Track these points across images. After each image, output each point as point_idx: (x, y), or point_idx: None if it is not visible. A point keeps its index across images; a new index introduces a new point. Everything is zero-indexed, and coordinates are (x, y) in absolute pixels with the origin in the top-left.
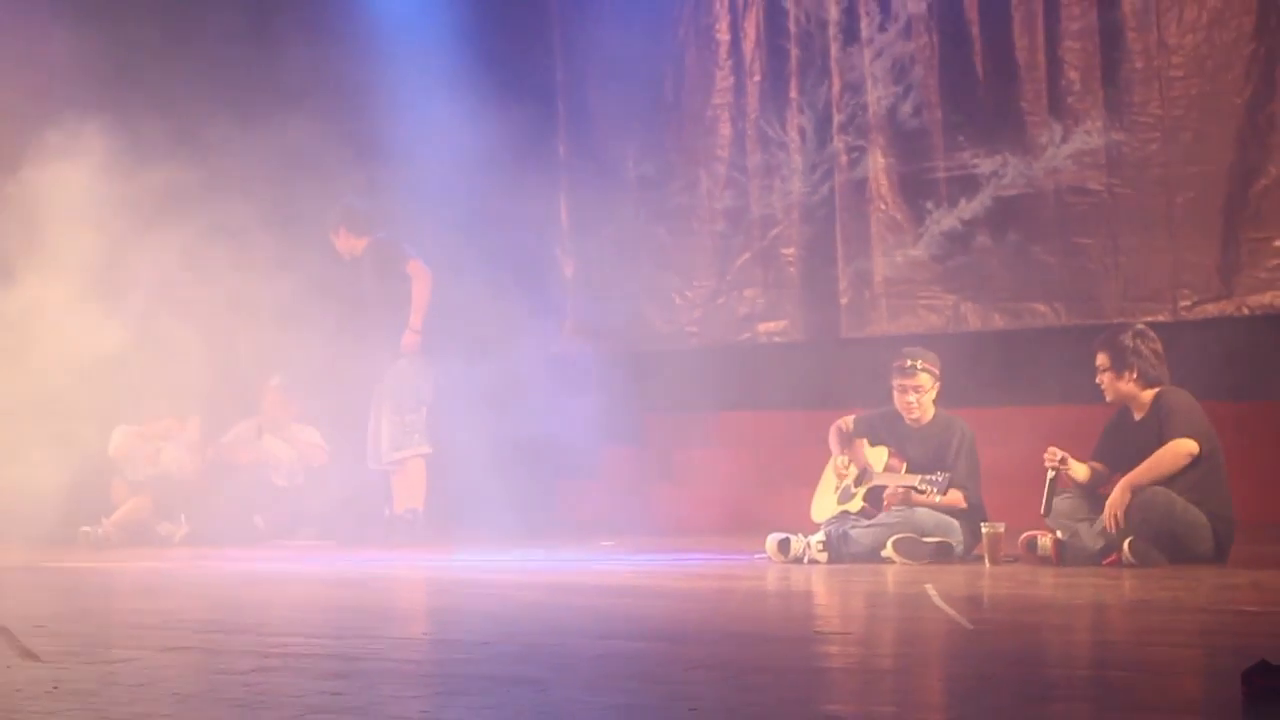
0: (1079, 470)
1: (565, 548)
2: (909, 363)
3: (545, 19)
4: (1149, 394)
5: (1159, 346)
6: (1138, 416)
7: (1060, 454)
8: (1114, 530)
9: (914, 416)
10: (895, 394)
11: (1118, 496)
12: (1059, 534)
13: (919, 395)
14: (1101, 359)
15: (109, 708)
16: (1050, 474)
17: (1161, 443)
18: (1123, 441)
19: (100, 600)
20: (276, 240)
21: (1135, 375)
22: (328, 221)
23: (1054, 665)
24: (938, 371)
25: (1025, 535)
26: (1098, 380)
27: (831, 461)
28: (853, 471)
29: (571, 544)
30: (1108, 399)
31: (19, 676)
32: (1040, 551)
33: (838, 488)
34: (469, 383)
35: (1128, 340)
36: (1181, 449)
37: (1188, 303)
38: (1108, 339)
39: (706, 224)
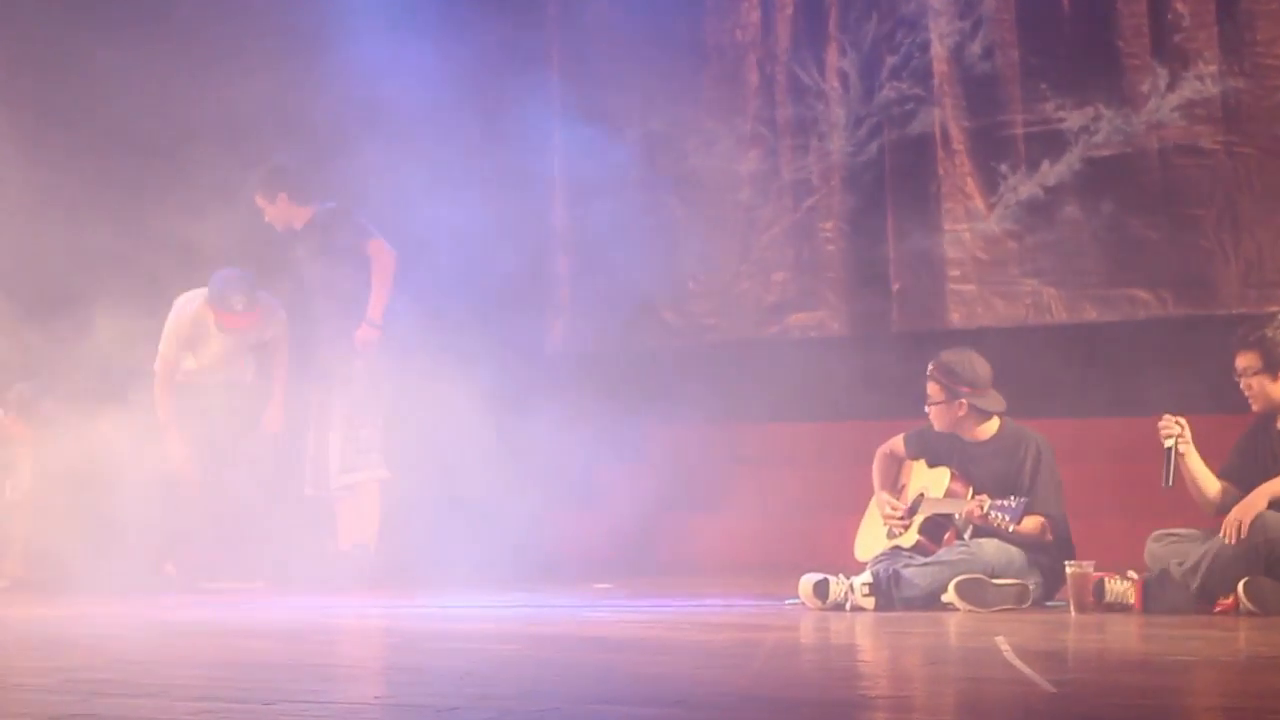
0: (1202, 472)
1: (552, 591)
2: (929, 367)
3: None
4: None
5: None
6: None
7: (1180, 422)
8: (1233, 540)
9: (939, 429)
10: None
11: (1250, 503)
12: (1144, 573)
13: (931, 409)
14: (1248, 359)
15: None
16: (1169, 443)
17: None
18: (1263, 457)
19: None
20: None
21: None
22: (254, 183)
23: None
24: (956, 384)
25: (1093, 576)
26: (1243, 385)
27: (875, 498)
28: (907, 498)
29: (560, 586)
30: (1255, 407)
31: None
32: (1111, 597)
33: (887, 520)
34: (437, 389)
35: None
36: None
37: None
38: (1253, 334)
39: (727, 192)
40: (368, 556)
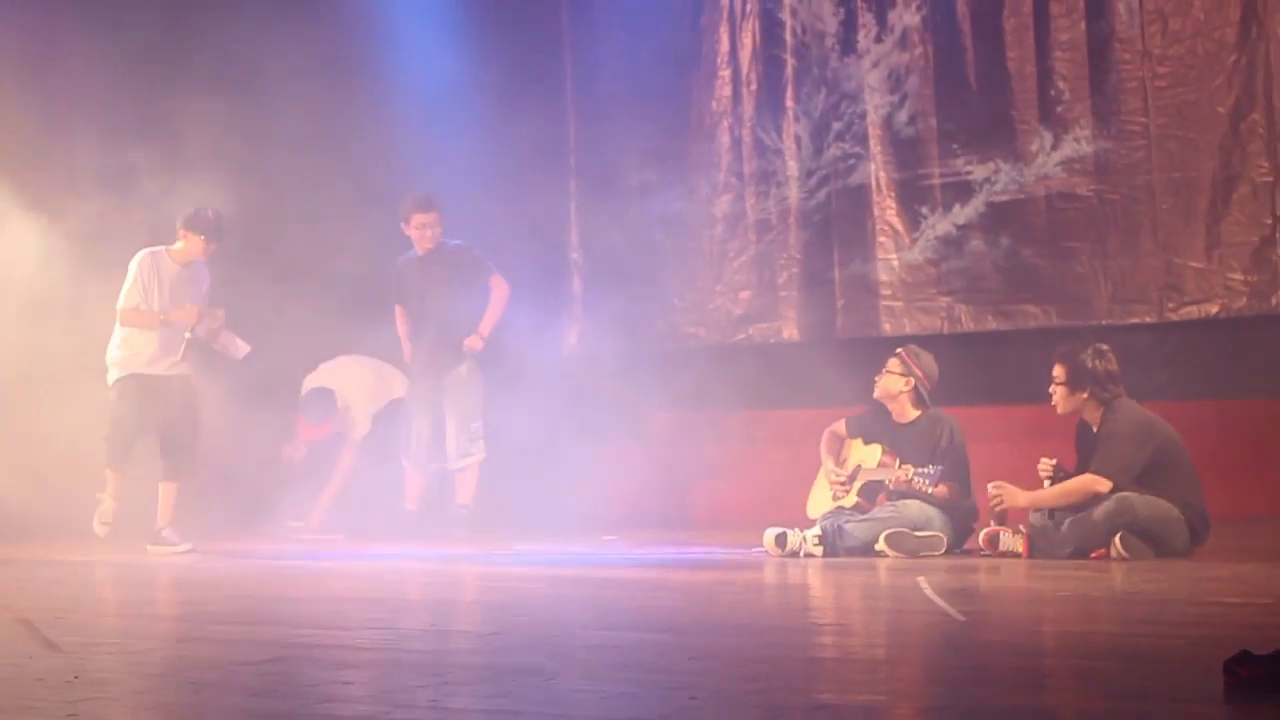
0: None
1: (569, 542)
2: (897, 349)
3: (556, 37)
4: (1099, 412)
5: (1115, 366)
6: (1096, 428)
7: (1000, 487)
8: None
9: (876, 395)
10: None
11: (1013, 494)
12: (1030, 525)
13: (882, 376)
14: (1058, 371)
15: (127, 696)
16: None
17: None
18: (1084, 452)
19: (119, 592)
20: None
21: (1087, 395)
22: (402, 210)
23: (1041, 656)
24: (912, 365)
25: (987, 531)
26: (1050, 389)
27: (823, 468)
28: (848, 468)
29: (575, 538)
30: (1059, 410)
31: (40, 666)
32: (1004, 547)
33: (832, 485)
34: (488, 386)
35: (1086, 360)
36: (1090, 485)
37: (1173, 304)
38: (1069, 352)
39: (705, 229)
40: (472, 514)
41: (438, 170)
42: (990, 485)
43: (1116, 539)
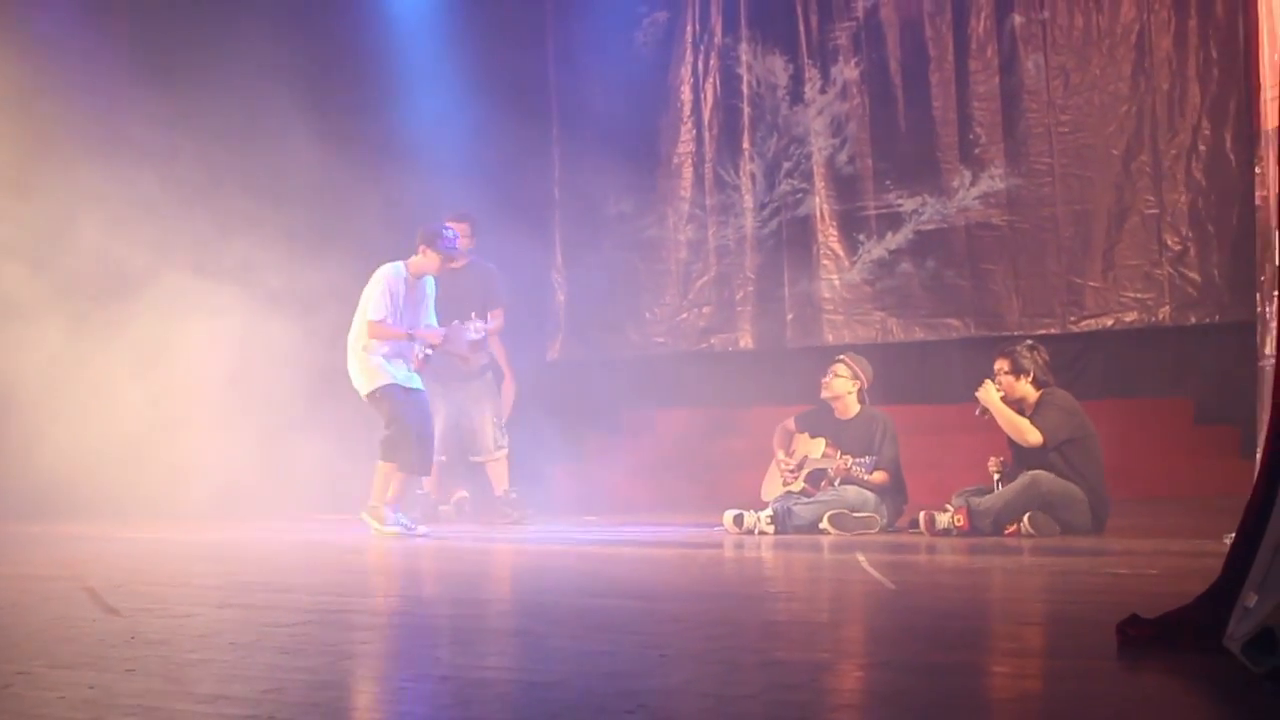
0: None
1: (555, 522)
2: (838, 356)
3: (544, 87)
4: (1035, 393)
5: (1047, 357)
6: (1028, 414)
7: (997, 461)
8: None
9: (825, 396)
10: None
11: (991, 399)
12: (963, 502)
13: (831, 379)
14: (1001, 364)
15: (176, 654)
16: (996, 477)
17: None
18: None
19: (172, 565)
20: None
21: (1030, 379)
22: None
23: (960, 619)
24: (857, 370)
25: (925, 513)
26: (996, 381)
27: (775, 459)
28: (796, 458)
29: (560, 519)
30: (1004, 396)
31: (103, 628)
32: (941, 525)
33: (783, 473)
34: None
35: (1024, 351)
36: (1026, 431)
37: (1075, 318)
38: (1008, 348)
39: (672, 253)
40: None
41: (434, 204)
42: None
43: (1025, 518)
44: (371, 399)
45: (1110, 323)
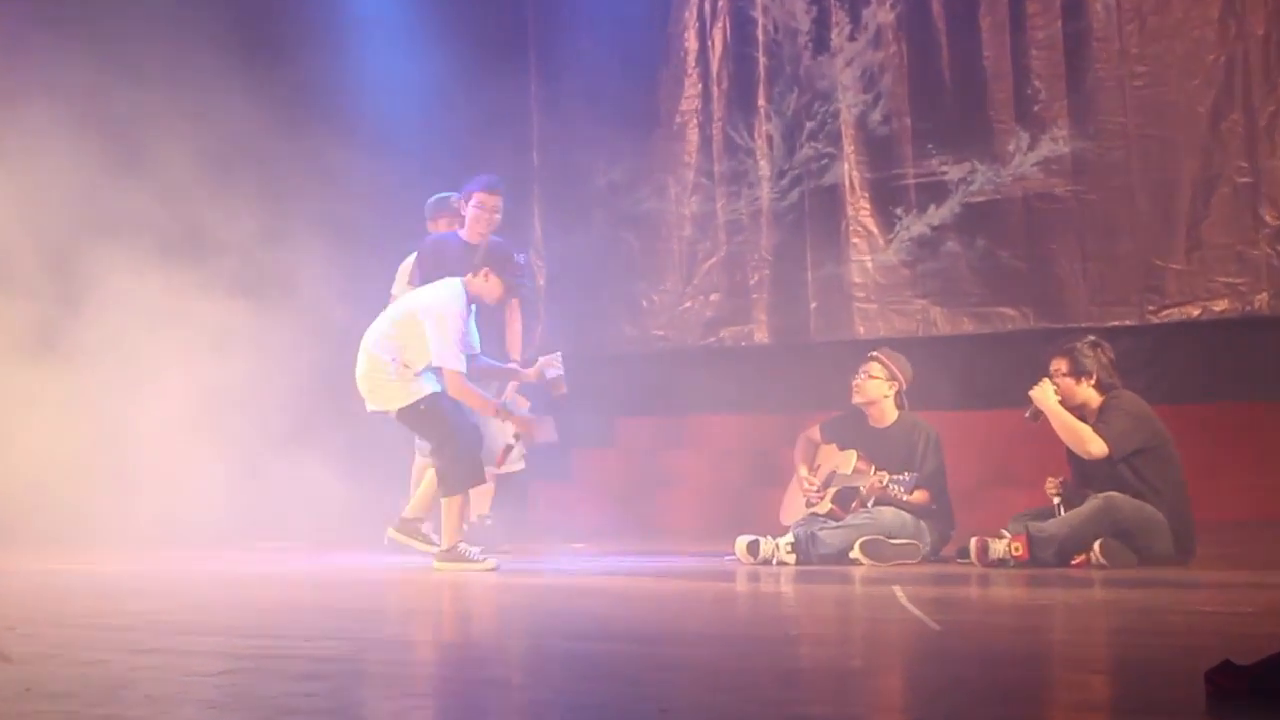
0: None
1: (537, 549)
2: (871, 352)
3: (521, 35)
4: (1099, 398)
5: (1113, 356)
6: (1090, 422)
7: (1054, 481)
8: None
9: (857, 400)
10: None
11: (1047, 399)
12: (1022, 528)
13: (864, 381)
14: (1059, 363)
15: (82, 710)
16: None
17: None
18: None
19: (82, 603)
20: None
21: (1093, 382)
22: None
23: (1018, 666)
24: (894, 369)
25: (976, 540)
26: (1052, 385)
27: (796, 475)
28: (821, 474)
29: (543, 546)
30: (1064, 403)
31: None
32: (994, 555)
33: (806, 492)
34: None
35: (1086, 349)
36: (1087, 440)
37: (1154, 307)
38: (1067, 345)
39: (674, 230)
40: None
41: (394, 168)
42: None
43: (1097, 545)
44: (410, 416)
45: (1196, 312)
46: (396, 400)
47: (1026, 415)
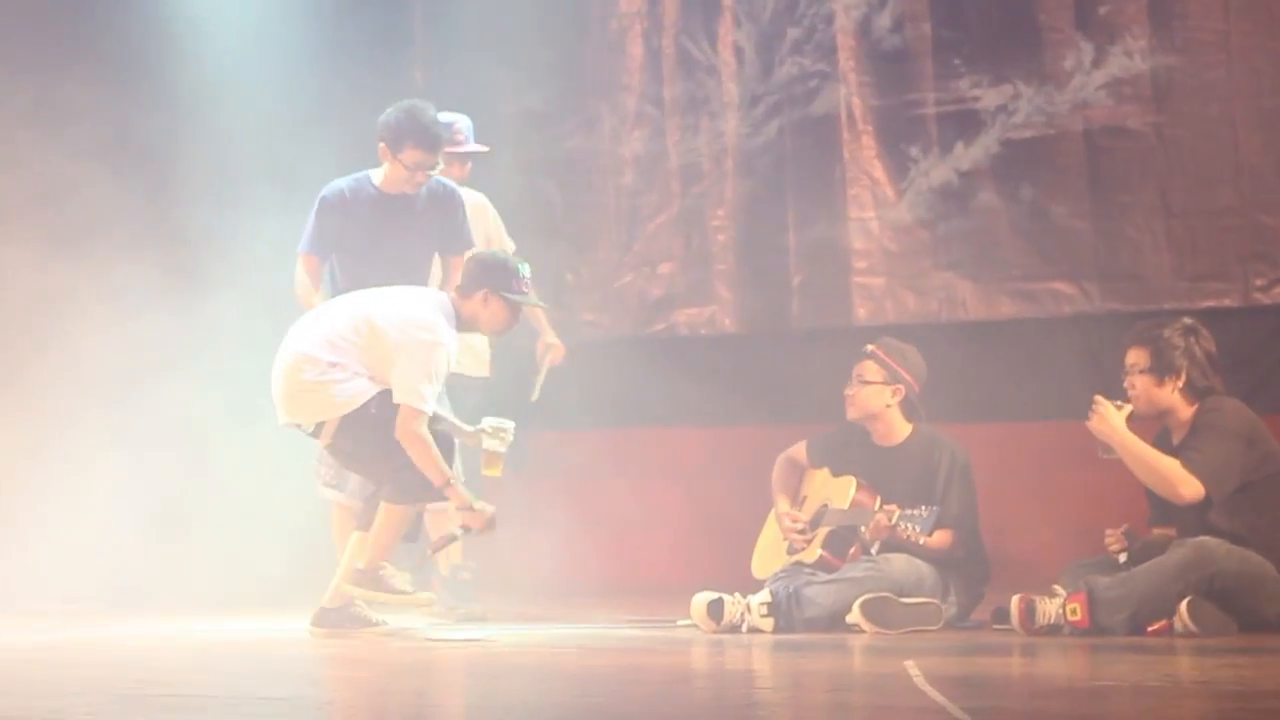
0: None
1: (423, 611)
2: (865, 347)
3: None
4: (1192, 410)
5: (1214, 348)
6: (1177, 439)
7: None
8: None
9: (852, 416)
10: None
11: (1111, 423)
12: (1080, 585)
13: (858, 389)
14: (1137, 356)
15: None
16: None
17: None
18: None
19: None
20: None
21: (1183, 383)
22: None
23: None
24: (899, 368)
25: (1020, 599)
26: (1127, 382)
27: (774, 510)
28: (808, 509)
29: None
30: (1137, 409)
31: None
32: (1043, 620)
33: (787, 533)
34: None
35: (1175, 337)
36: (1177, 482)
37: (1263, 281)
38: (1148, 332)
39: (609, 176)
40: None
41: (235, 78)
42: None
43: (1183, 606)
44: (357, 424)
45: None
46: (337, 406)
47: (1100, 453)
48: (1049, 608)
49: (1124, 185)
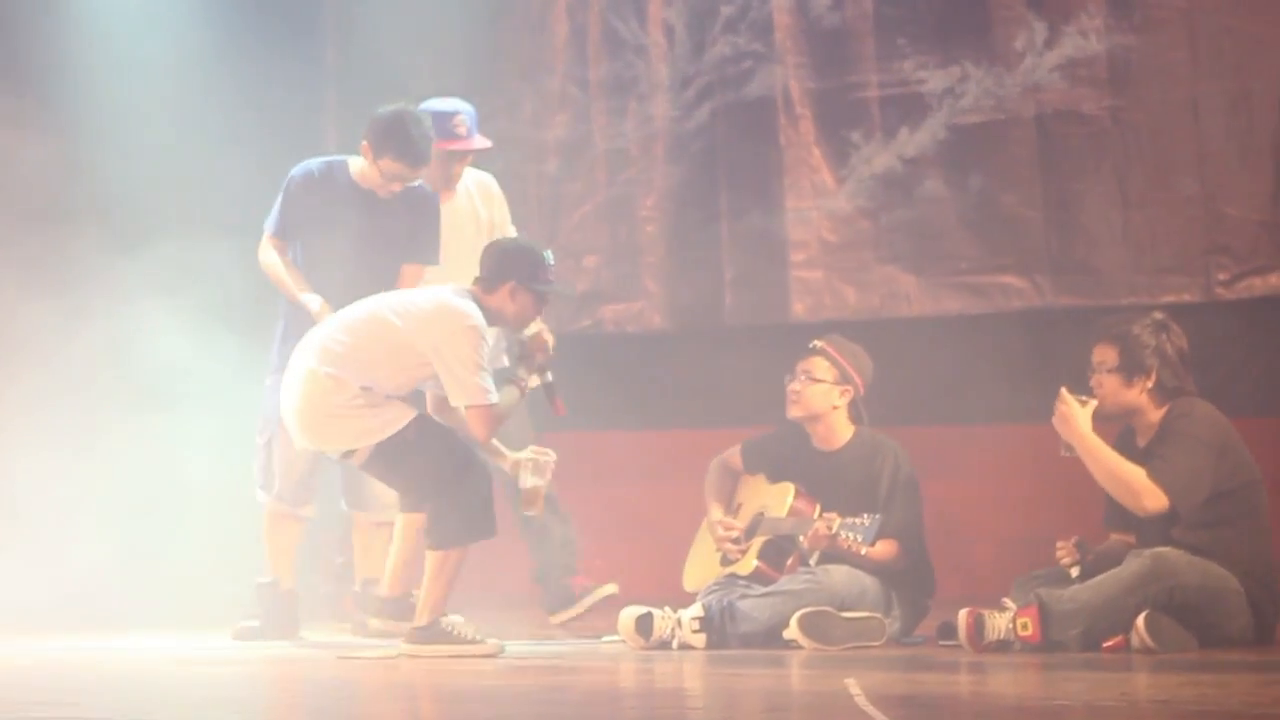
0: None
1: (326, 624)
2: (812, 343)
3: None
4: (1161, 412)
5: (1186, 346)
6: (1143, 441)
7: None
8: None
9: (794, 414)
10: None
11: (1076, 424)
12: (1032, 597)
13: (805, 386)
14: (1105, 353)
15: None
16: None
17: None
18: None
19: None
20: None
21: (1153, 383)
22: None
23: None
24: (849, 368)
25: (968, 613)
26: (1094, 382)
27: (707, 519)
28: (743, 517)
29: (335, 620)
30: (1103, 409)
31: None
32: (992, 635)
33: (721, 543)
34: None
35: (1146, 334)
36: (1140, 492)
37: (1226, 276)
38: (1116, 328)
39: (530, 163)
40: None
41: (137, 62)
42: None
43: (1141, 620)
44: (393, 452)
45: None
46: (369, 434)
47: (1062, 451)
48: (999, 622)
49: (1078, 173)
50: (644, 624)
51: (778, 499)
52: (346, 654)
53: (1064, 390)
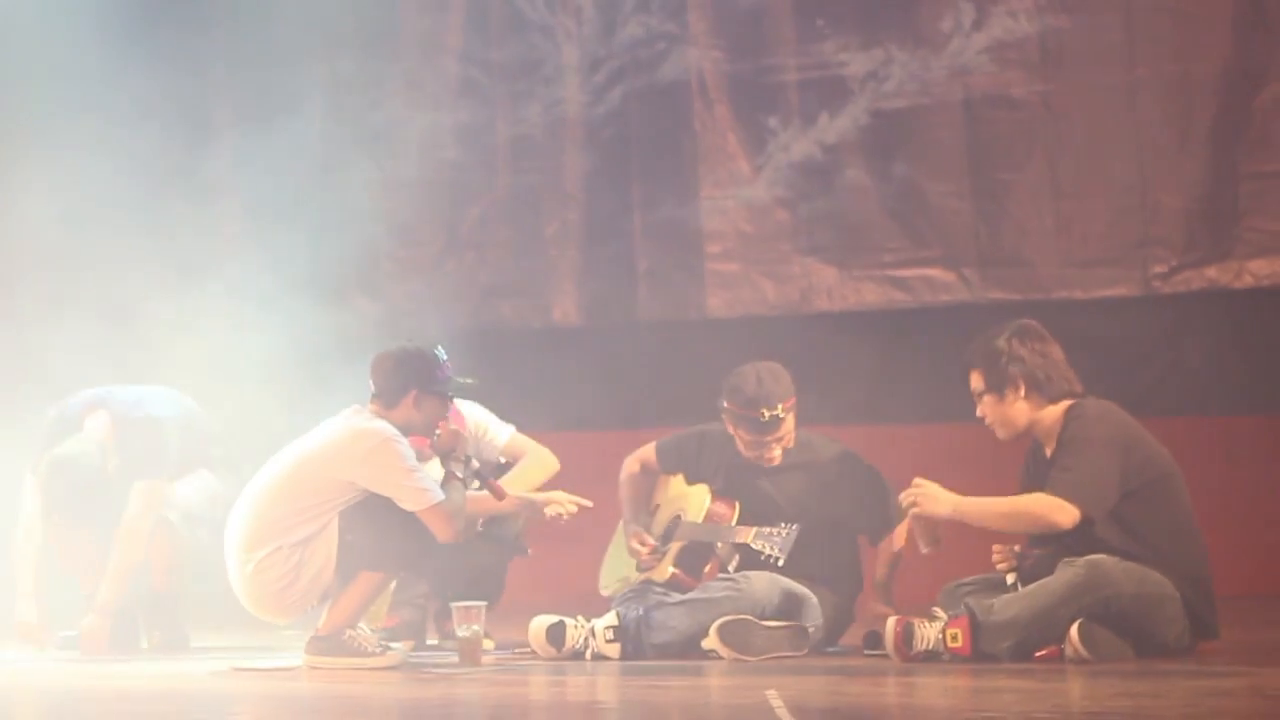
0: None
1: (227, 634)
2: (765, 413)
3: None
4: (1055, 412)
5: (1051, 347)
6: (1049, 450)
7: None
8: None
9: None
10: (740, 445)
11: (939, 505)
12: (961, 608)
13: (783, 445)
14: (975, 379)
15: None
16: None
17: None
18: (1033, 489)
19: None
20: None
21: (1023, 390)
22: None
23: None
24: (793, 399)
25: (895, 622)
26: (978, 412)
27: (621, 525)
28: (659, 521)
29: (237, 630)
30: (1000, 435)
31: None
32: (922, 644)
33: (635, 549)
34: None
35: (1002, 344)
36: (1049, 511)
37: (1163, 268)
38: (980, 350)
39: (431, 150)
40: None
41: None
42: (909, 492)
43: (1074, 630)
44: (342, 564)
45: (1229, 278)
46: (325, 572)
47: (922, 546)
48: (928, 632)
49: (1008, 161)
50: (555, 633)
51: (695, 502)
52: (242, 665)
53: (917, 479)
